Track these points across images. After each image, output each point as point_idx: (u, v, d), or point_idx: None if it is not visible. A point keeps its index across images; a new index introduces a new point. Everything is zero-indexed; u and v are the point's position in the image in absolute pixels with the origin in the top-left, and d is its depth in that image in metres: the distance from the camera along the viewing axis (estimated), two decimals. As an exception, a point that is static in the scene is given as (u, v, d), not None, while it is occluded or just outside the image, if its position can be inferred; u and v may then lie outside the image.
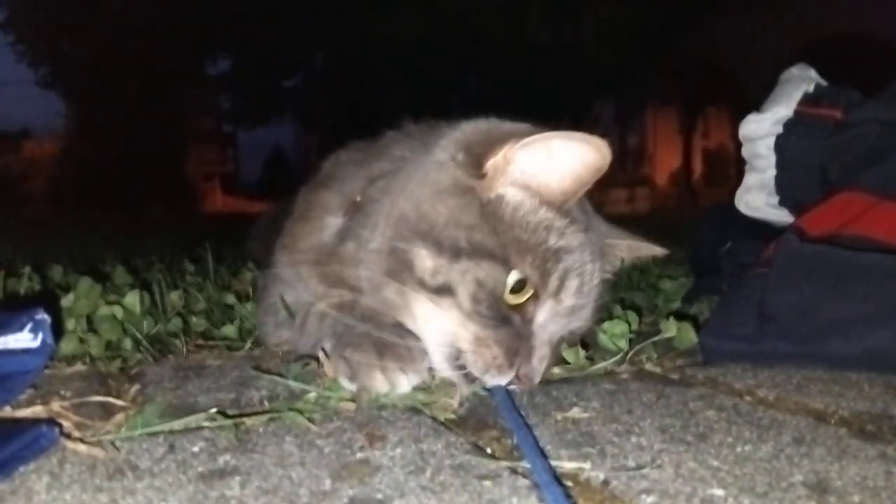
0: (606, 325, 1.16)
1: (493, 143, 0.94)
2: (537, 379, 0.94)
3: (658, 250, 1.16)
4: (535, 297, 0.93)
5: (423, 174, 0.98)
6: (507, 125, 1.01)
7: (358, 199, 1.07)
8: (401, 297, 0.96)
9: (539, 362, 0.94)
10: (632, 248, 1.14)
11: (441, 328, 0.94)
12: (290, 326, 1.16)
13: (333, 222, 1.11)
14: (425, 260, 0.92)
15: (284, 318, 1.17)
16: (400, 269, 0.94)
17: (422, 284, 0.93)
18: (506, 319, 0.92)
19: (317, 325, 1.07)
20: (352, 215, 1.07)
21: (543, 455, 0.69)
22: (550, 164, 0.93)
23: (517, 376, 0.92)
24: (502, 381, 0.92)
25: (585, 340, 1.12)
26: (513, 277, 0.91)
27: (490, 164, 0.93)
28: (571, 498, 0.61)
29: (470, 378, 0.93)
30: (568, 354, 1.06)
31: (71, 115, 19.16)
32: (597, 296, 1.02)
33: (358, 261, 1.02)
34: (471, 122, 1.04)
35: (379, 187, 1.04)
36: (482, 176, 0.94)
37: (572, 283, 0.95)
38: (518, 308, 0.93)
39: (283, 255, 1.18)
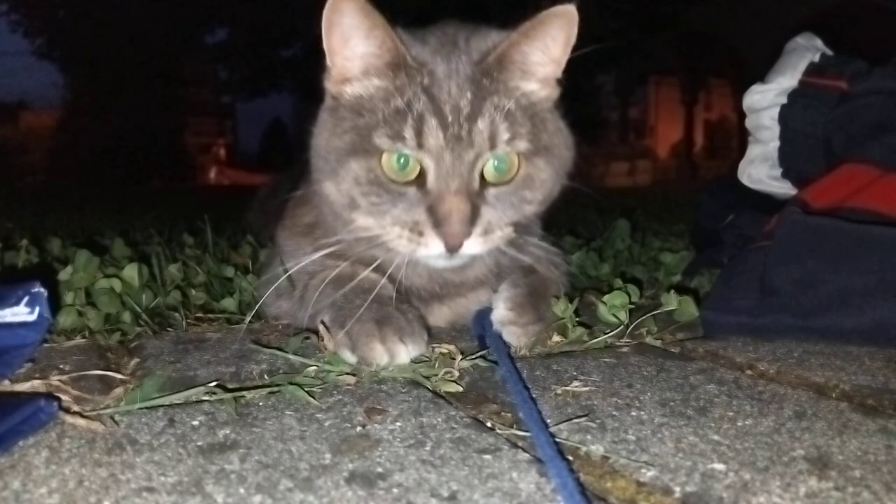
0: (607, 297, 1.16)
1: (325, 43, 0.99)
2: (458, 228, 0.92)
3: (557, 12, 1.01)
4: (422, 167, 0.94)
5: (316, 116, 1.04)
6: None
7: None
8: (342, 230, 1.02)
9: (451, 214, 0.91)
10: (529, 41, 0.99)
11: (363, 230, 0.98)
12: (289, 297, 1.16)
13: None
14: (329, 187, 0.99)
15: (284, 289, 1.16)
16: (328, 206, 1.03)
17: (341, 207, 0.99)
18: (398, 197, 0.94)
19: (315, 296, 1.07)
20: None
21: (547, 429, 0.69)
22: (347, 39, 0.96)
23: (444, 241, 0.92)
24: (429, 252, 0.94)
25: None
26: (387, 158, 0.94)
27: (332, 65, 1.00)
28: (574, 472, 0.61)
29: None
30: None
31: (68, 87, 19.03)
32: (488, 108, 0.94)
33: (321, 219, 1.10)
34: None
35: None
36: (332, 75, 1.01)
37: (430, 123, 0.92)
38: (415, 182, 0.94)
39: (282, 229, 1.22)
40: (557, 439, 0.69)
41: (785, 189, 1.45)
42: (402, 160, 0.93)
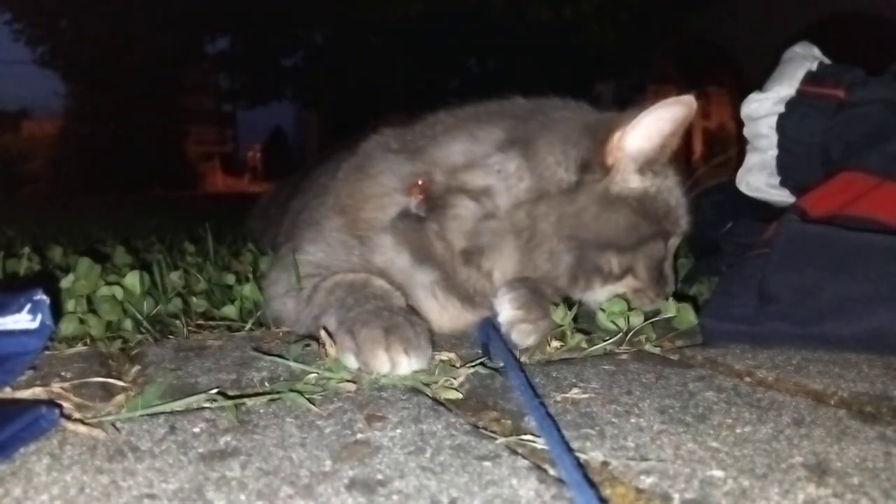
0: (605, 304, 1.16)
1: (601, 142, 1.11)
2: (670, 289, 1.23)
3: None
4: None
5: (560, 201, 1.12)
6: (594, 116, 1.21)
7: (420, 182, 1.15)
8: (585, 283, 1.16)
9: (671, 283, 1.24)
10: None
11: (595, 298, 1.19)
12: (296, 296, 1.16)
13: (398, 200, 1.17)
14: (614, 261, 1.14)
15: (293, 286, 1.17)
16: (587, 270, 1.14)
17: (609, 276, 1.16)
18: (660, 270, 1.20)
19: (325, 298, 1.08)
20: (423, 200, 1.15)
21: (566, 444, 0.68)
22: (654, 134, 1.11)
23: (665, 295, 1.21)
24: (651, 305, 1.20)
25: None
26: (666, 244, 1.19)
27: (609, 159, 1.11)
28: (590, 479, 0.61)
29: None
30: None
31: (69, 95, 19.04)
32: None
33: (444, 242, 1.14)
34: (557, 123, 1.18)
35: (454, 186, 1.14)
36: (607, 172, 1.11)
37: (686, 213, 1.22)
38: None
39: (337, 218, 1.22)
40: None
41: (783, 197, 1.46)
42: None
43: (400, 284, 1.13)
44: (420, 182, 1.15)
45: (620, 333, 1.12)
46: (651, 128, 1.10)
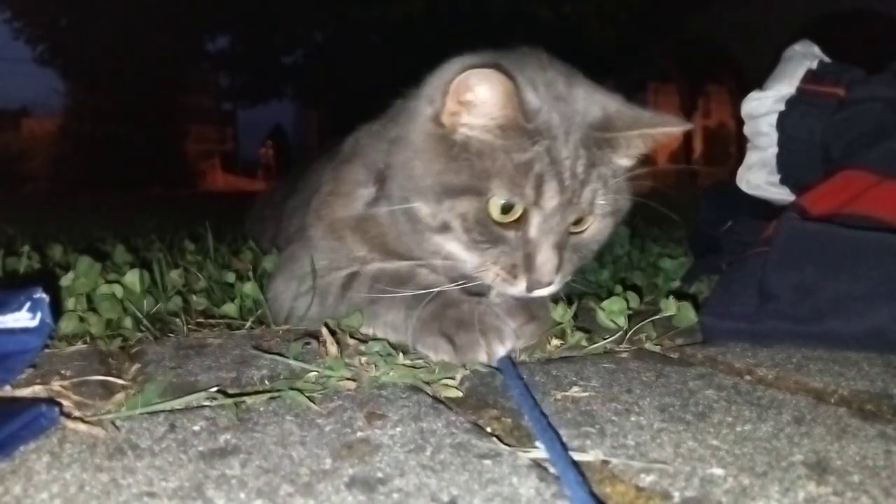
0: (605, 303, 1.16)
1: (444, 89, 1.00)
2: (548, 278, 1.00)
3: (677, 129, 1.10)
4: (525, 211, 1.00)
5: (406, 136, 1.06)
6: (457, 62, 1.05)
7: (381, 166, 1.13)
8: (418, 243, 1.07)
9: (545, 265, 1.00)
10: (644, 134, 1.06)
11: (449, 260, 1.05)
12: (308, 294, 1.18)
13: (365, 193, 1.17)
14: (422, 209, 1.02)
15: (308, 288, 1.18)
16: (412, 221, 1.05)
17: (428, 228, 1.03)
18: (500, 239, 1.01)
19: (366, 289, 1.11)
20: (380, 184, 1.13)
21: (558, 436, 0.69)
22: (475, 105, 0.98)
23: (528, 284, 1.01)
24: (514, 291, 1.02)
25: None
26: (495, 202, 0.99)
27: (445, 109, 1.00)
28: (585, 478, 0.61)
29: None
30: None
31: (70, 93, 19.04)
32: (594, 178, 1.02)
33: (390, 222, 1.12)
34: (440, 68, 1.09)
35: (392, 152, 1.10)
36: (442, 121, 1.01)
37: (550, 186, 0.98)
38: (515, 225, 1.00)
39: (319, 225, 1.24)
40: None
41: (783, 195, 1.46)
42: (509, 205, 0.99)
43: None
44: (381, 166, 1.13)
45: (620, 332, 1.12)
46: (475, 83, 0.97)
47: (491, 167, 0.98)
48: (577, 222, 1.04)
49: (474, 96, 0.97)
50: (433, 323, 1.00)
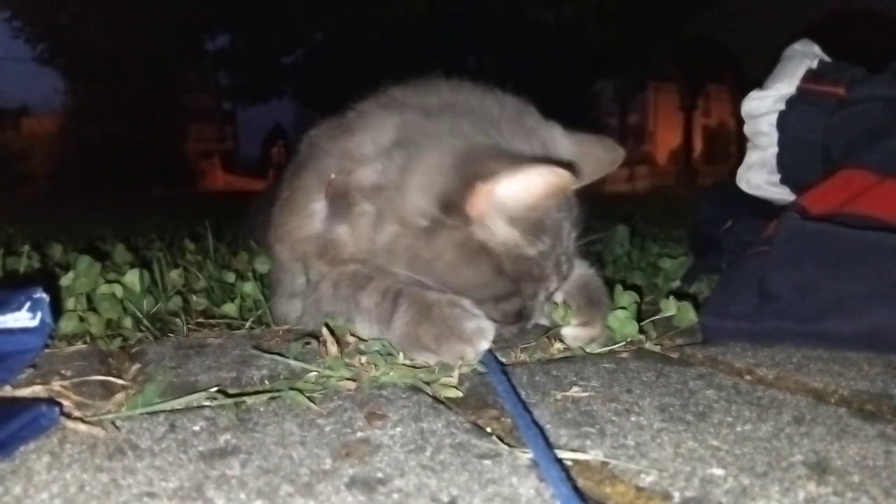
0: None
1: (468, 186, 0.96)
2: (532, 323, 1.09)
3: (613, 156, 1.18)
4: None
5: (416, 237, 1.00)
6: (470, 154, 0.99)
7: (332, 176, 1.09)
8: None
9: (536, 315, 1.08)
10: (593, 170, 1.13)
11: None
12: (295, 304, 1.17)
13: (317, 207, 1.12)
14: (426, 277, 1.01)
15: (299, 288, 1.17)
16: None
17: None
18: (519, 315, 1.05)
19: (331, 296, 1.08)
20: (331, 198, 1.09)
21: (542, 432, 0.69)
22: (525, 194, 0.96)
23: (519, 328, 1.08)
24: (505, 331, 1.06)
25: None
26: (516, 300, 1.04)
27: (471, 208, 0.97)
28: (569, 475, 0.61)
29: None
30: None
31: (70, 93, 19.03)
32: (573, 238, 1.09)
33: (356, 245, 1.06)
34: (432, 150, 1.01)
35: (364, 175, 1.04)
36: (469, 221, 0.98)
37: (558, 267, 1.05)
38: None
39: (283, 249, 1.19)
40: (556, 444, 0.69)
41: (783, 195, 1.46)
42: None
43: None
44: (332, 176, 1.08)
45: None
46: (522, 187, 0.95)
47: (521, 267, 1.01)
48: None
49: (524, 196, 0.96)
50: (411, 340, 0.96)
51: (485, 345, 0.95)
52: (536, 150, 1.04)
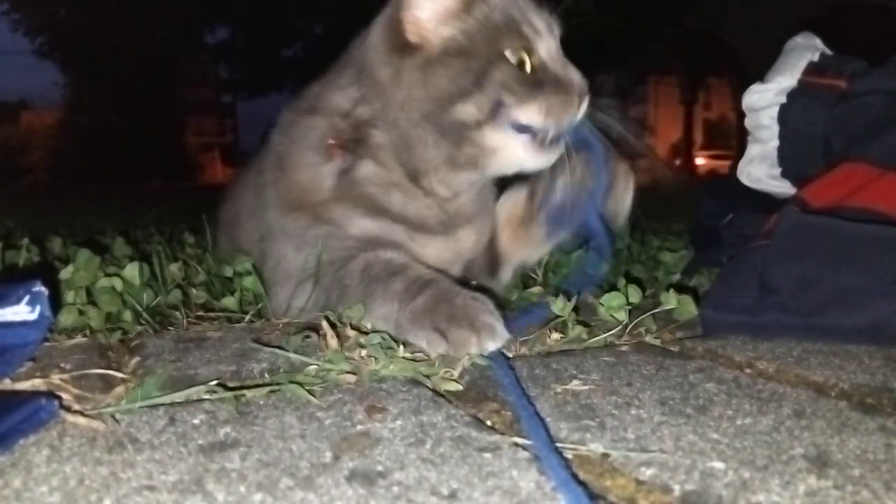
0: (604, 297, 1.16)
1: (396, 19, 1.13)
2: (581, 81, 1.17)
3: None
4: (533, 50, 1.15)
5: (392, 85, 1.14)
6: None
7: (331, 141, 1.20)
8: (459, 148, 1.16)
9: (577, 76, 1.17)
10: None
11: (514, 131, 1.14)
12: (307, 289, 1.17)
13: (326, 169, 1.21)
14: (467, 108, 1.12)
15: (305, 280, 1.18)
16: (452, 132, 1.14)
17: (478, 124, 1.13)
18: (537, 84, 1.13)
19: (357, 279, 1.11)
20: (344, 153, 1.20)
21: (544, 425, 0.69)
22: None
23: (579, 100, 1.16)
24: (577, 110, 1.16)
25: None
26: (512, 59, 1.12)
27: (408, 31, 1.13)
28: (570, 469, 0.61)
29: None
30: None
31: (69, 86, 19.01)
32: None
33: (384, 183, 1.20)
34: (370, 33, 1.20)
35: (355, 126, 1.19)
36: (415, 47, 1.12)
37: (531, 16, 1.16)
38: (537, 66, 1.14)
39: (292, 214, 1.23)
40: (556, 437, 0.69)
41: (784, 188, 1.46)
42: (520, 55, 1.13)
43: (388, 242, 1.19)
44: (331, 141, 1.20)
45: (621, 325, 1.12)
46: None
47: (484, 34, 1.11)
48: None
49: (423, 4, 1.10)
50: (425, 316, 0.99)
51: (491, 344, 0.95)
52: None
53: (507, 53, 1.12)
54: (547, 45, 1.16)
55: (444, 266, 1.23)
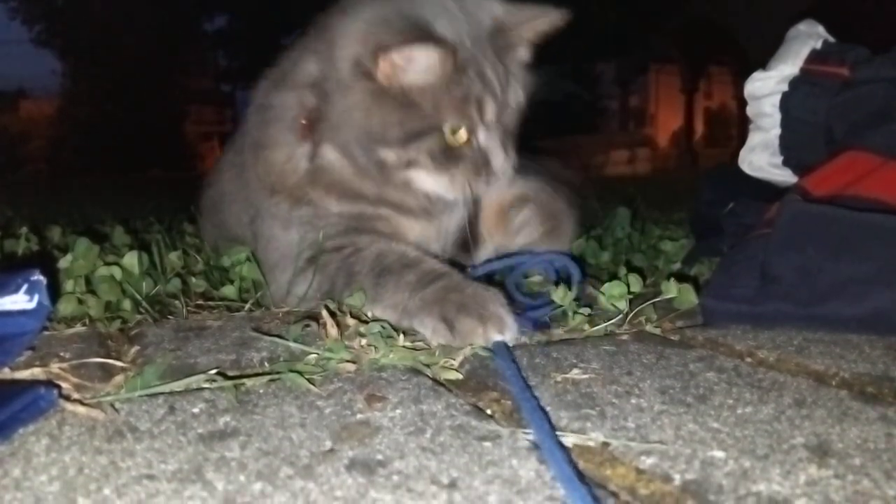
0: (605, 287, 1.16)
1: (375, 55, 1.11)
2: (502, 166, 1.19)
3: (557, 18, 1.25)
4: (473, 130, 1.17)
5: (344, 94, 1.16)
6: (371, 23, 1.15)
7: (303, 122, 1.22)
8: (385, 182, 1.21)
9: (500, 161, 1.19)
10: (529, 28, 1.24)
11: (423, 186, 1.21)
12: (308, 276, 1.16)
13: (301, 151, 1.23)
14: (390, 155, 1.16)
15: (301, 268, 1.18)
16: (379, 166, 1.18)
17: (397, 168, 1.18)
18: (460, 157, 1.17)
19: (369, 267, 1.11)
20: (311, 135, 1.21)
21: (545, 414, 0.69)
22: (415, 64, 1.11)
23: (494, 178, 1.20)
24: (485, 188, 1.21)
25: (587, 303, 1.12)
26: (446, 129, 1.15)
27: (380, 71, 1.12)
28: (571, 458, 0.61)
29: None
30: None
31: (67, 75, 18.96)
32: (512, 80, 1.20)
33: (350, 169, 1.21)
34: (344, 21, 1.18)
35: (327, 113, 1.19)
36: (379, 79, 1.13)
37: (488, 104, 1.16)
38: (468, 143, 1.17)
39: (277, 196, 1.25)
40: (556, 426, 0.69)
41: (786, 177, 1.45)
42: (458, 128, 1.16)
43: (373, 216, 1.23)
44: (303, 122, 1.21)
45: (621, 314, 1.11)
46: (411, 58, 1.10)
47: (440, 104, 1.13)
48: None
49: (414, 65, 1.10)
50: (434, 304, 0.99)
51: (498, 334, 0.95)
52: (459, 19, 1.15)
53: (444, 128, 1.14)
54: (487, 128, 1.17)
55: (428, 244, 1.27)
